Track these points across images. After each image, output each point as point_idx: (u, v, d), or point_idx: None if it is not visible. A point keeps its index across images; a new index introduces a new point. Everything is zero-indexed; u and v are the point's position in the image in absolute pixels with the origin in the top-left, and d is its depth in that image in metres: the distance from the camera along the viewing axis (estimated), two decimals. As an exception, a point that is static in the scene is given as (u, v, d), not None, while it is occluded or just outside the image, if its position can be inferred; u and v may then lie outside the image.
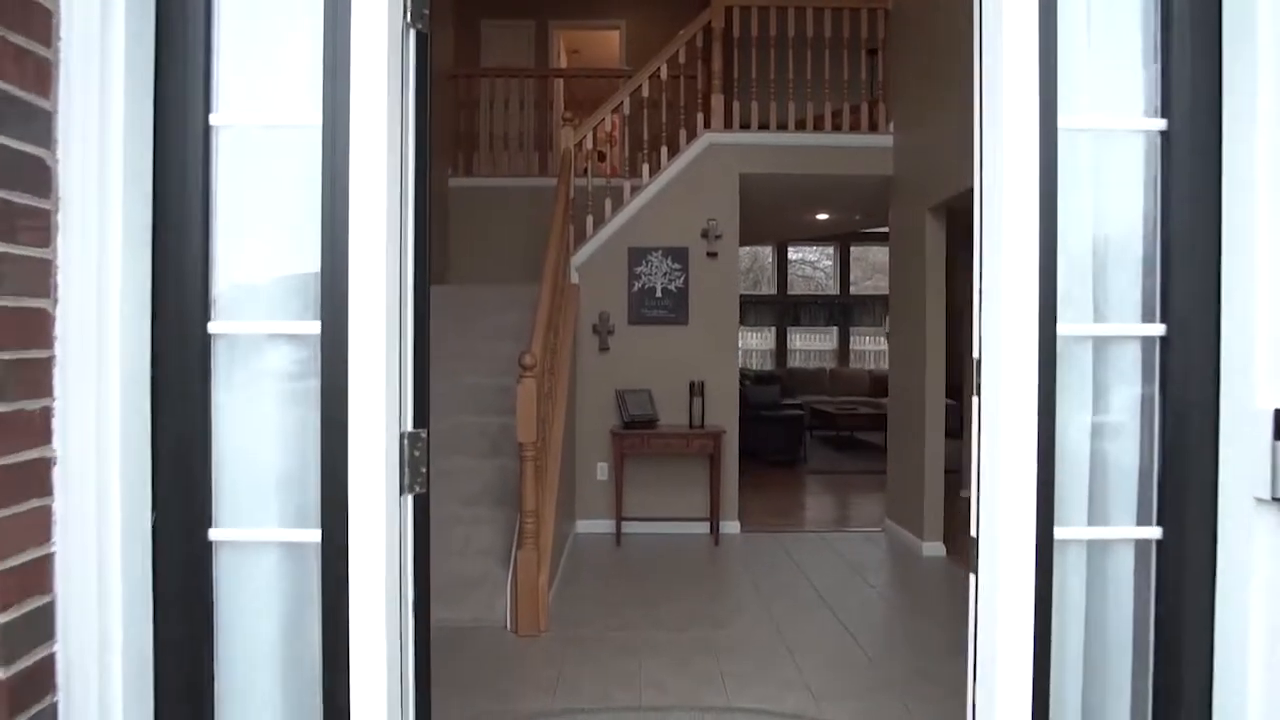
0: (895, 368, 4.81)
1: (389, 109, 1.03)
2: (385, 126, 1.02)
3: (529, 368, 3.00)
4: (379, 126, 1.02)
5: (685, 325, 4.78)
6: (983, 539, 1.14)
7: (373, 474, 1.02)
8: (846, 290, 12.21)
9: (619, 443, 4.43)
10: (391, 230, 1.05)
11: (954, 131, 3.87)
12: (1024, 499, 1.06)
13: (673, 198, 4.78)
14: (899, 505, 4.70)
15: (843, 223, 6.46)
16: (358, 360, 1.02)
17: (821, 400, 10.81)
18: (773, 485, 6.50)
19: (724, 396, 4.79)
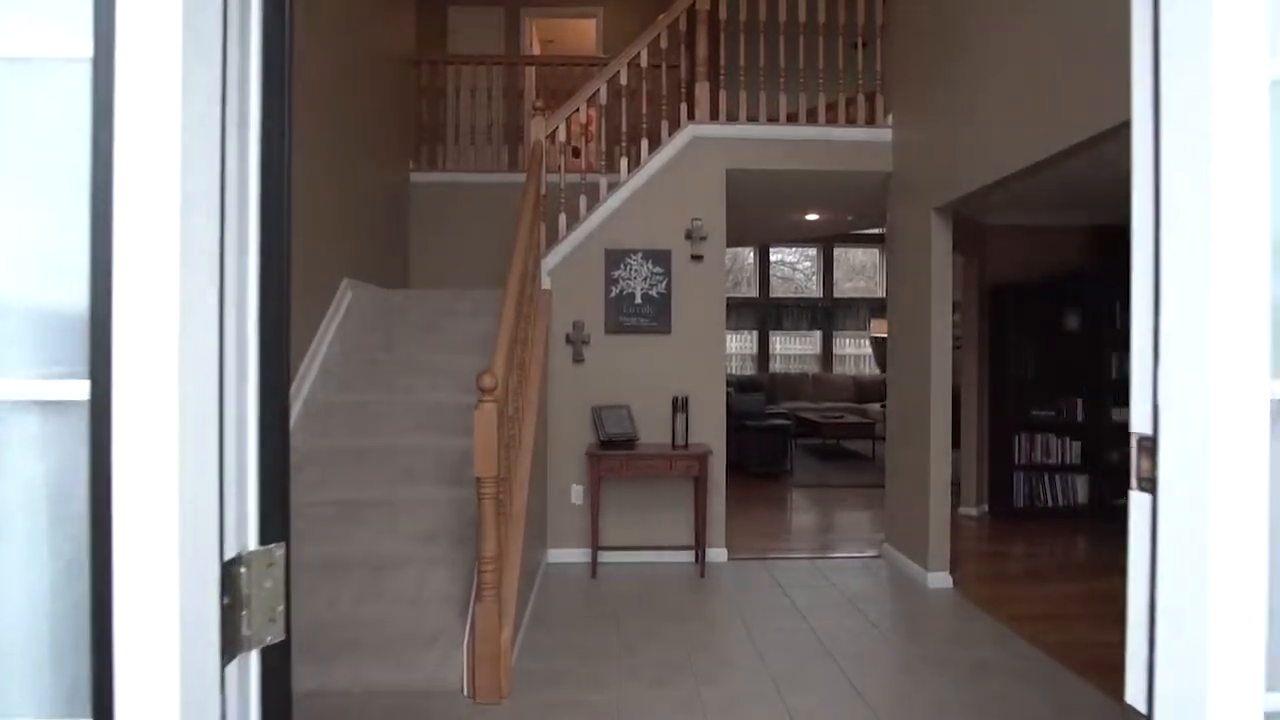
0: (894, 376, 4.45)
1: (192, 29, 0.61)
2: (180, 55, 0.59)
3: (489, 390, 2.57)
4: (168, 55, 0.59)
5: (667, 335, 4.37)
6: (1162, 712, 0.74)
7: (155, 636, 0.59)
8: (829, 293, 11.91)
9: (595, 464, 4.02)
10: (197, 229, 0.61)
11: (963, 125, 3.52)
12: (1247, 653, 0.66)
13: (654, 195, 4.38)
14: (899, 529, 4.33)
15: (834, 223, 6.11)
16: (127, 443, 0.59)
17: (805, 407, 10.50)
18: (759, 502, 6.12)
19: (710, 412, 4.40)
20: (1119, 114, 2.54)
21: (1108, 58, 2.43)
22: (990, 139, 3.27)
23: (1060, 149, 2.84)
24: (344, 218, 4.12)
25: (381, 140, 4.76)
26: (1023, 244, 5.80)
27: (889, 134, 4.43)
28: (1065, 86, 2.71)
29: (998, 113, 3.22)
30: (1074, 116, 2.72)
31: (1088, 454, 5.59)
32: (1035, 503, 5.56)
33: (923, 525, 4.01)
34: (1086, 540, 4.93)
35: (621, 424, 4.22)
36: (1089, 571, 4.23)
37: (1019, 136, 3.06)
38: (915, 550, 4.10)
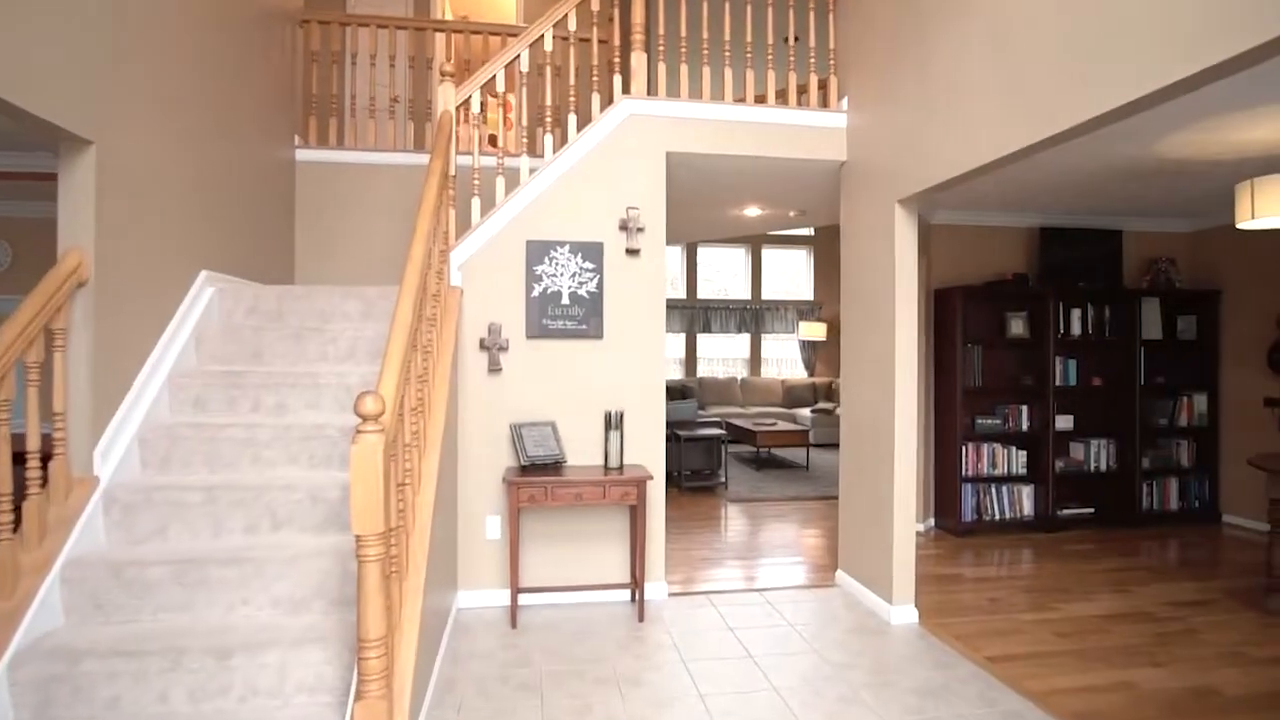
0: (849, 384, 4.03)
1: None
2: None
3: (372, 416, 1.92)
4: None
5: (599, 340, 3.80)
6: None
7: None
8: (758, 295, 11.62)
9: (515, 492, 3.39)
10: None
11: (937, 109, 3.11)
12: None
13: (583, 180, 3.79)
14: (856, 556, 3.91)
15: (775, 220, 5.69)
16: None
17: (735, 413, 10.16)
18: (695, 519, 5.63)
19: (648, 430, 3.85)
20: (1118, 94, 2.16)
21: (1105, 33, 2.04)
22: (972, 122, 2.87)
23: (1050, 134, 2.45)
24: (201, 197, 3.34)
25: (256, 110, 3.97)
26: (968, 244, 5.55)
27: (843, 119, 4.01)
28: (1061, 67, 2.32)
29: (980, 94, 2.82)
30: (1069, 99, 2.33)
31: (1033, 463, 5.38)
32: (983, 516, 5.30)
33: (884, 554, 3.59)
34: (1039, 555, 4.68)
35: (546, 444, 3.61)
36: (1053, 594, 3.93)
37: (1006, 120, 2.65)
38: (876, 581, 3.68)
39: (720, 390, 10.76)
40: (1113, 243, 5.58)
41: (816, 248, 11.81)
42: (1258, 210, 3.43)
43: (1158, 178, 4.40)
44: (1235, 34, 1.79)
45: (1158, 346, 5.58)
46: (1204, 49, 1.86)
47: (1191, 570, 4.39)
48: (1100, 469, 5.46)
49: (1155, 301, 5.56)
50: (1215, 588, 4.06)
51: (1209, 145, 3.75)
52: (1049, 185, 4.62)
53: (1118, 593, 3.98)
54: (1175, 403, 5.59)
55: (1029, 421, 5.40)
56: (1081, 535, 5.24)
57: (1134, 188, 4.67)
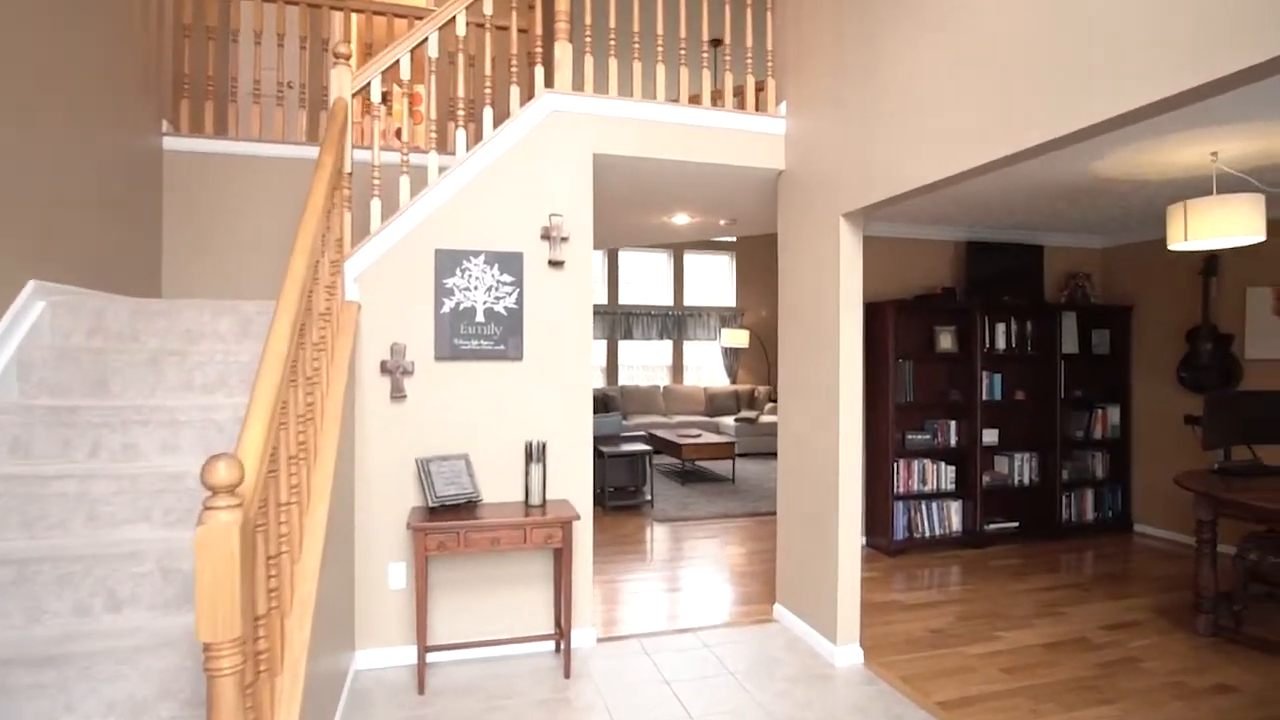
0: (788, 408, 3.79)
1: None
2: None
3: (224, 489, 1.48)
4: None
5: (519, 362, 3.41)
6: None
7: None
8: (680, 301, 11.43)
9: (421, 540, 2.96)
10: None
11: (888, 120, 2.89)
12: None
13: (501, 182, 3.39)
14: (796, 590, 3.68)
15: (704, 228, 5.43)
16: None
17: (658, 423, 9.92)
18: (621, 545, 5.30)
19: (573, 460, 3.48)
20: (1088, 114, 1.99)
21: (1073, 47, 1.85)
22: (928, 135, 2.66)
23: (1016, 150, 2.26)
24: (29, 191, 2.73)
25: (109, 88, 3.35)
26: (898, 257, 5.46)
27: (781, 125, 3.77)
28: (1031, 82, 2.12)
29: (938, 106, 2.61)
30: (1041, 115, 2.14)
31: (961, 478, 5.35)
32: (914, 534, 5.21)
33: (828, 590, 3.37)
34: (972, 575, 4.61)
35: (458, 481, 3.19)
36: (993, 621, 3.82)
37: (967, 134, 2.45)
38: (818, 618, 3.45)
39: (643, 399, 10.49)
40: (1035, 257, 5.63)
41: (739, 254, 11.72)
42: (1191, 232, 3.40)
43: (1086, 196, 4.40)
44: (1216, 56, 1.61)
45: (1075, 360, 5.67)
46: (1182, 72, 1.68)
47: (1117, 586, 4.41)
48: (1024, 483, 5.49)
49: (1073, 316, 5.65)
50: (1143, 606, 4.07)
51: (1140, 165, 3.72)
52: (981, 200, 4.56)
53: (1053, 615, 3.92)
54: (1090, 415, 5.70)
55: (957, 436, 5.36)
56: (1008, 550, 5.23)
57: (1061, 205, 4.67)
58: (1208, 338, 5.10)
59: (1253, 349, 4.89)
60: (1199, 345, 5.15)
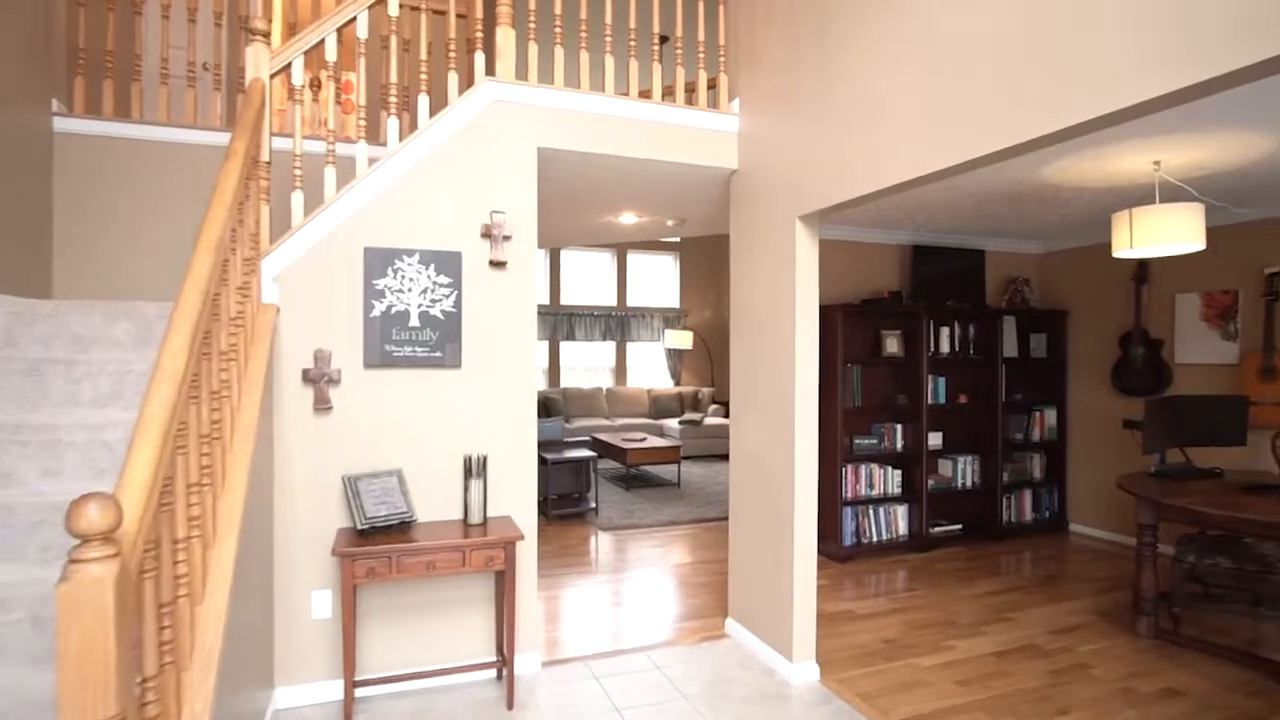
0: (742, 415, 3.67)
1: None
2: None
3: (97, 536, 1.23)
4: None
5: (456, 369, 3.16)
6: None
7: None
8: (623, 301, 11.27)
9: (349, 567, 2.69)
10: None
11: (844, 119, 2.79)
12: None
13: (438, 176, 3.14)
14: (749, 605, 3.55)
15: (652, 227, 5.27)
16: None
17: (601, 426, 9.73)
18: (567, 558, 5.09)
19: (517, 473, 3.26)
20: (1053, 119, 1.92)
21: (1040, 49, 1.77)
22: (891, 136, 2.55)
23: (980, 155, 2.18)
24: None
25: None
26: (846, 261, 5.43)
27: (735, 122, 3.64)
28: (988, 84, 2.04)
29: (901, 107, 2.51)
30: (998, 120, 2.06)
31: (907, 483, 5.35)
32: (862, 539, 5.18)
33: (783, 606, 3.25)
34: (919, 580, 4.59)
35: (389, 500, 2.93)
36: (944, 629, 3.79)
37: (932, 136, 2.36)
38: (773, 635, 3.34)
39: (586, 401, 10.27)
40: (977, 262, 5.69)
41: (683, 254, 11.64)
42: (1136, 239, 3.43)
43: (1032, 201, 4.43)
44: (1190, 62, 1.54)
45: (1015, 363, 5.75)
46: (1157, 76, 1.61)
47: (1060, 589, 4.46)
48: (966, 485, 5.53)
49: (1013, 320, 5.74)
50: (1085, 609, 4.11)
51: (1087, 172, 3.75)
52: (929, 204, 4.55)
53: (1001, 621, 3.91)
54: (1029, 418, 5.80)
55: (903, 440, 5.36)
56: (953, 553, 5.26)
57: (1006, 210, 4.70)
58: (1139, 342, 5.24)
59: (1181, 354, 5.04)
60: (1131, 349, 5.29)
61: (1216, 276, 4.85)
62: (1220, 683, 3.19)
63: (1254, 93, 2.66)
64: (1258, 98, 2.70)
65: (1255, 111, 2.84)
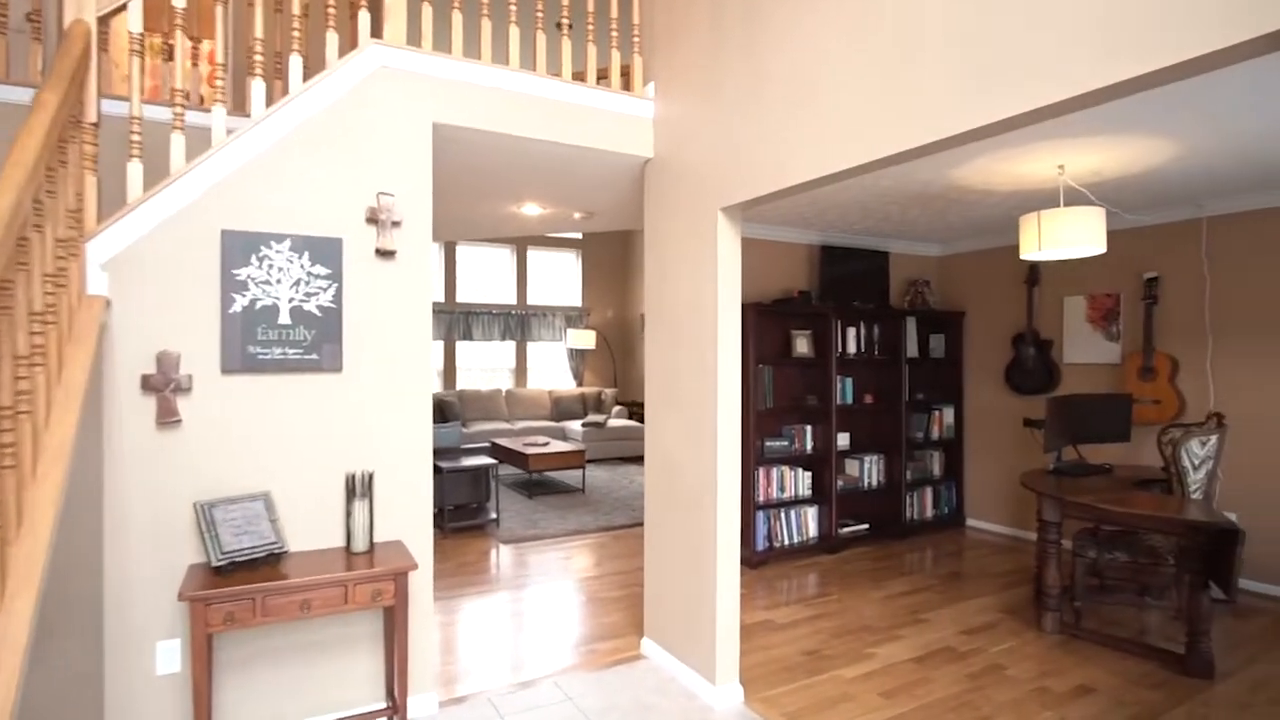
0: (658, 419, 3.44)
1: None
2: None
3: None
4: None
5: (337, 374, 2.75)
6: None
7: None
8: (524, 300, 10.85)
9: (201, 614, 2.24)
10: None
11: (772, 107, 2.60)
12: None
13: (313, 151, 2.71)
14: (667, 623, 3.32)
15: (557, 220, 4.95)
16: None
17: (502, 430, 9.30)
18: (464, 577, 4.69)
19: (409, 491, 2.88)
20: (985, 113, 1.81)
21: (977, 39, 1.66)
22: (825, 125, 2.38)
23: (911, 147, 2.05)
24: None
25: None
26: (758, 259, 5.32)
27: (650, 107, 3.40)
28: (922, 72, 1.90)
29: (835, 94, 2.34)
30: (932, 110, 1.93)
31: (817, 484, 5.31)
32: (774, 543, 5.08)
33: (704, 624, 3.04)
34: (833, 583, 4.53)
35: (254, 529, 2.48)
36: (862, 635, 3.71)
37: (858, 128, 2.20)
38: (694, 655, 3.12)
39: (484, 404, 9.79)
40: (882, 263, 5.74)
41: (585, 251, 11.35)
42: (1044, 241, 3.46)
43: (939, 203, 4.45)
44: (1149, 51, 1.45)
45: (916, 363, 5.85)
46: (1115, 64, 1.50)
47: (965, 586, 4.51)
48: (872, 485, 5.57)
49: (914, 320, 5.83)
50: (992, 606, 4.16)
51: (995, 174, 3.77)
52: (840, 203, 4.49)
53: (916, 623, 3.89)
54: (929, 416, 5.91)
55: (813, 441, 5.31)
56: (862, 553, 5.26)
57: (914, 212, 4.72)
58: (1031, 343, 5.44)
59: (1069, 354, 5.26)
60: (1023, 350, 5.49)
61: (1100, 280, 5.08)
62: (1125, 677, 3.26)
63: (1161, 97, 2.68)
64: (1164, 102, 2.74)
65: (1163, 116, 2.88)
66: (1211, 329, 4.48)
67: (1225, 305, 4.43)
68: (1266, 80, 2.53)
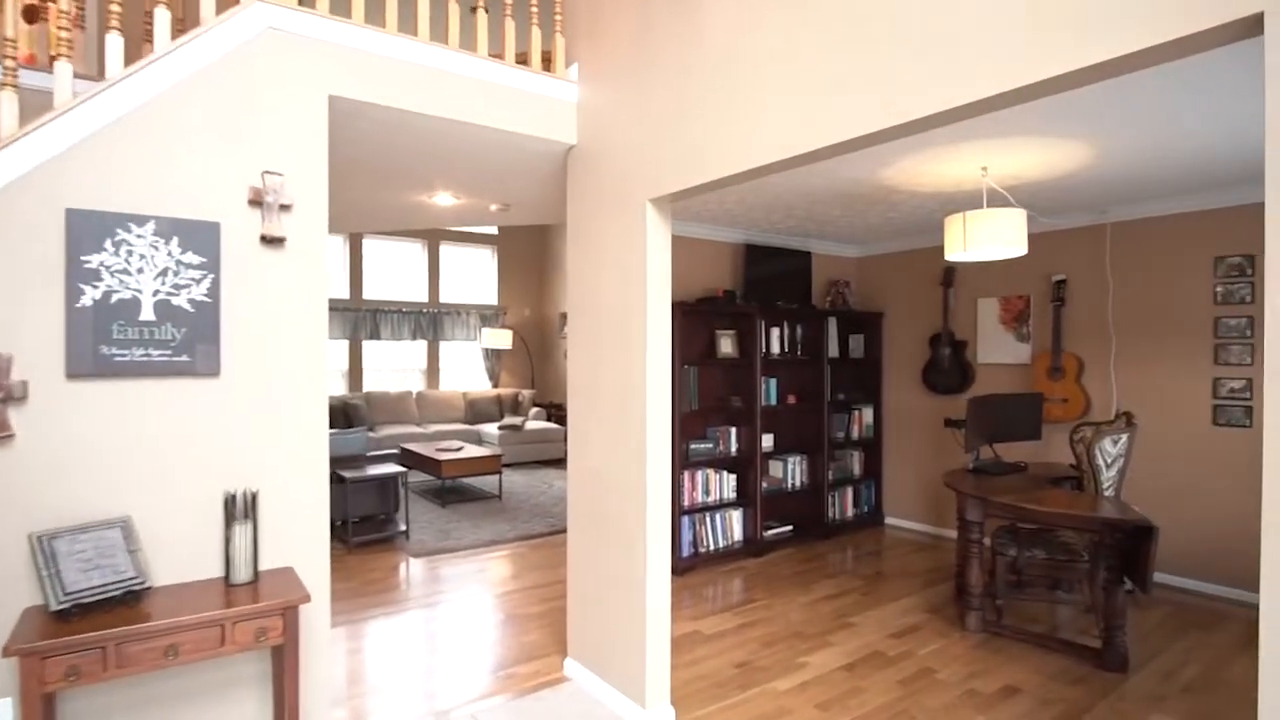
0: (581, 424, 3.22)
1: None
2: None
3: None
4: None
5: (214, 378, 2.38)
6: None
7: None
8: (436, 297, 10.36)
9: (38, 667, 1.86)
10: None
11: (708, 91, 2.44)
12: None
13: (184, 121, 2.34)
14: (593, 643, 3.11)
15: (471, 212, 4.64)
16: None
17: (413, 434, 8.84)
18: (370, 597, 4.32)
19: (302, 510, 2.54)
20: (960, 92, 1.72)
21: (924, 25, 1.56)
22: (755, 115, 2.23)
23: (852, 137, 1.94)
24: None
25: None
26: (681, 257, 5.18)
27: (574, 91, 3.18)
28: (866, 59, 1.78)
29: (767, 80, 2.20)
30: (876, 101, 1.82)
31: (741, 486, 5.22)
32: (699, 549, 4.96)
33: (633, 641, 2.85)
34: (759, 588, 4.44)
35: (107, 562, 2.10)
36: (793, 643, 3.62)
37: (799, 116, 2.06)
38: (622, 676, 2.92)
39: (393, 407, 9.27)
40: (804, 263, 5.72)
41: (501, 247, 10.96)
42: (969, 241, 3.46)
43: (863, 203, 4.43)
44: (1094, 43, 1.37)
45: (837, 364, 5.87)
46: (1066, 52, 1.41)
47: (889, 587, 4.51)
48: (796, 486, 5.53)
49: (835, 321, 5.85)
50: (916, 606, 4.17)
51: (921, 175, 3.75)
52: (766, 200, 4.40)
53: (845, 628, 3.83)
54: (849, 416, 5.95)
55: (738, 443, 5.22)
56: (787, 555, 5.21)
57: (837, 211, 4.69)
58: (947, 343, 5.54)
59: (983, 354, 5.39)
60: (939, 350, 5.58)
61: (1012, 283, 5.22)
62: (1046, 674, 3.29)
63: (1084, 97, 2.69)
64: (1086, 106, 2.75)
65: (1086, 119, 2.90)
66: (1115, 330, 4.67)
67: (1127, 307, 4.61)
68: (1179, 90, 2.57)
